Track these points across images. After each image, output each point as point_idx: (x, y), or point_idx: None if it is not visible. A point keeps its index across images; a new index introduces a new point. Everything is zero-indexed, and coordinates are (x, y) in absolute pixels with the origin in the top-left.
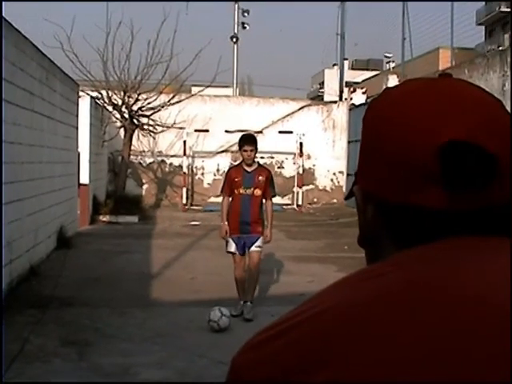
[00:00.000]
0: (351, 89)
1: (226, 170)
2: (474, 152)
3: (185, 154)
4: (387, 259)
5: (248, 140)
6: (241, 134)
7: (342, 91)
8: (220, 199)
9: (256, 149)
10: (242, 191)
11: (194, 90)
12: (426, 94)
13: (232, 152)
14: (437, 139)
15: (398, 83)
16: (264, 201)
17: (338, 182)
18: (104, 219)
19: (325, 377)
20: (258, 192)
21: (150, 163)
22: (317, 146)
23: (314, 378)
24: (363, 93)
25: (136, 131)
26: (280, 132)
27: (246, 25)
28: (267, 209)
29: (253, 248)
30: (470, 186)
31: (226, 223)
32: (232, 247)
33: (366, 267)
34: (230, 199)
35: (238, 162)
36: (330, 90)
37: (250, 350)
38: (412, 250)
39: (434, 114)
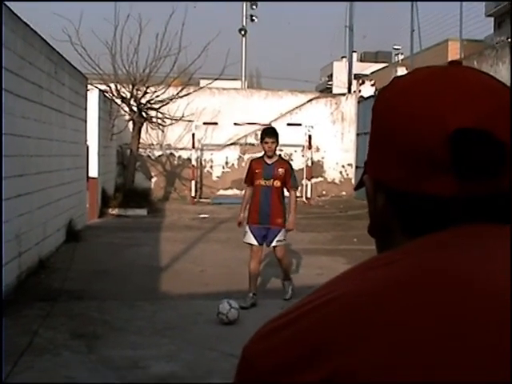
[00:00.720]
0: (360, 81)
1: (234, 163)
2: (483, 139)
3: (193, 146)
4: (397, 248)
5: (269, 132)
6: (249, 126)
7: (350, 83)
8: (228, 192)
9: (277, 141)
10: (262, 182)
11: (203, 82)
12: (435, 81)
13: (241, 145)
14: (446, 127)
15: None
16: (287, 192)
17: (347, 175)
18: (113, 212)
19: (333, 365)
20: (277, 183)
21: (159, 156)
22: (325, 138)
23: (323, 366)
24: (372, 85)
25: (144, 124)
26: (288, 124)
27: (254, 17)
28: (290, 199)
29: (274, 243)
30: (479, 173)
31: (244, 214)
32: (250, 238)
33: (375, 256)
34: (253, 190)
35: (260, 155)
36: (339, 83)
37: (260, 340)
38: (421, 238)
39: (443, 101)
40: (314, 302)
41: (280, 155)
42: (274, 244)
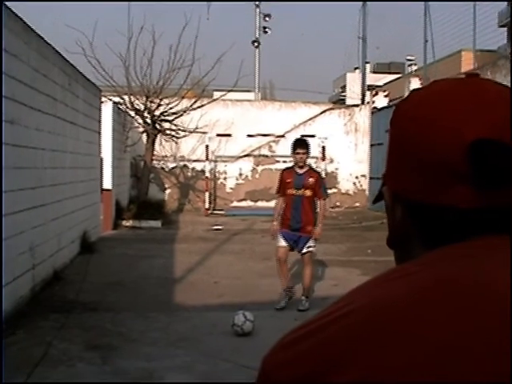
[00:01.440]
0: (373, 92)
1: (247, 174)
2: (501, 150)
3: (207, 158)
4: (417, 259)
5: (301, 144)
6: (263, 138)
7: (364, 94)
8: (242, 204)
9: (308, 152)
10: (293, 192)
11: (216, 94)
12: (453, 93)
13: (254, 156)
14: (465, 138)
15: (420, 86)
16: (317, 201)
17: (361, 186)
18: (127, 224)
19: (352, 377)
20: (307, 193)
21: (173, 168)
22: (339, 149)
23: (341, 378)
24: (385, 96)
25: (158, 136)
26: (302, 136)
27: (267, 29)
28: (320, 208)
29: (304, 250)
30: (498, 183)
31: (276, 223)
32: (280, 241)
33: (394, 267)
34: (285, 199)
35: (291, 165)
36: (352, 94)
37: (279, 351)
38: (440, 249)
39: (461, 112)
40: (333, 314)
41: (310, 165)
42: (304, 250)
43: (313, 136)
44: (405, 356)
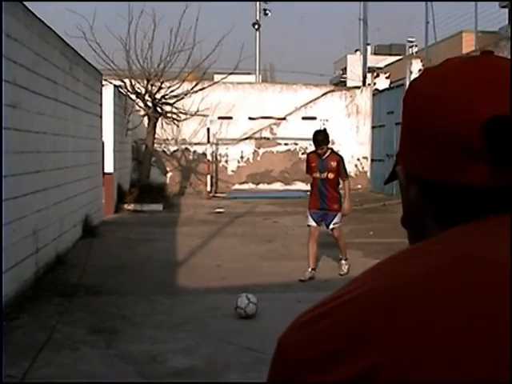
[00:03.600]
0: (374, 74)
1: (249, 157)
2: None
3: (208, 141)
4: (433, 238)
5: (320, 140)
6: (264, 120)
7: (365, 76)
8: (243, 186)
9: (327, 142)
10: (317, 175)
11: (217, 77)
12: (468, 71)
13: (256, 139)
14: (480, 115)
15: (421, 67)
16: (341, 182)
17: (362, 168)
18: (129, 208)
19: (373, 358)
20: (331, 175)
21: (174, 151)
22: (341, 131)
23: (361, 358)
24: (387, 78)
25: (159, 119)
26: (303, 118)
27: (267, 11)
28: (345, 188)
29: (331, 226)
30: None
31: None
32: (311, 221)
33: (411, 246)
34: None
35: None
36: (353, 76)
37: (295, 330)
38: (458, 227)
39: (477, 90)
40: (351, 293)
41: (332, 149)
42: (331, 227)
43: (314, 118)
44: (427, 335)
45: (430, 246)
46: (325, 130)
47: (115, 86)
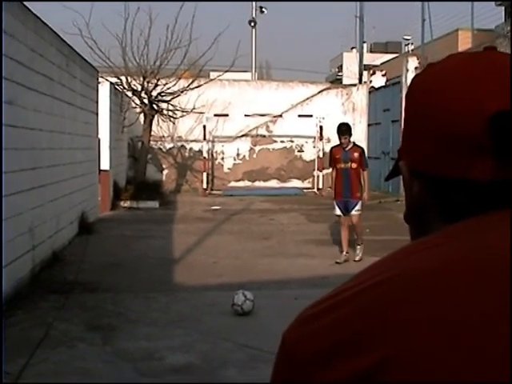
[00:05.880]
0: (371, 71)
1: (245, 154)
2: None
3: (204, 138)
4: (437, 232)
5: (344, 131)
6: (260, 117)
7: (361, 74)
8: (239, 184)
9: (350, 135)
10: (342, 165)
11: (213, 75)
12: (472, 66)
13: (252, 136)
14: (485, 110)
15: (417, 65)
16: (362, 172)
17: None
18: (125, 205)
19: (381, 353)
20: (354, 165)
21: (170, 148)
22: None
23: (369, 354)
24: (383, 75)
25: (156, 116)
26: (300, 116)
27: (263, 9)
28: (364, 177)
29: (353, 212)
30: None
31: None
32: (337, 211)
33: (416, 241)
34: (335, 172)
35: (338, 143)
36: (349, 73)
37: (300, 326)
38: (463, 222)
39: (481, 85)
40: (357, 287)
41: (354, 142)
42: (353, 213)
43: (310, 116)
44: (437, 330)
45: (435, 240)
46: (347, 125)
47: (111, 83)
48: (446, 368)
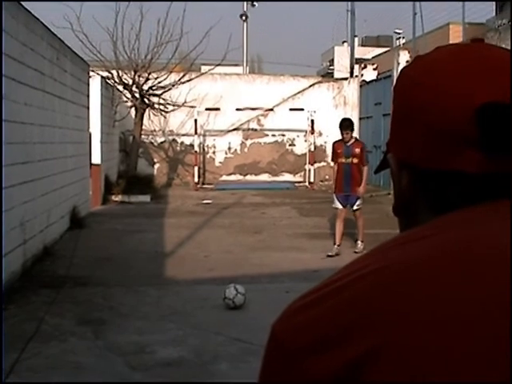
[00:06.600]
0: (362, 65)
1: (236, 148)
2: (510, 113)
3: (196, 132)
4: (426, 224)
5: (346, 126)
6: (252, 111)
7: (352, 68)
8: (231, 177)
9: (352, 130)
10: (343, 160)
11: (204, 69)
12: (459, 58)
13: (243, 130)
14: (472, 102)
15: (409, 59)
16: (362, 167)
17: None
18: (116, 199)
19: (368, 344)
20: (355, 160)
21: (162, 142)
22: (328, 122)
23: (357, 344)
24: (374, 69)
25: (147, 110)
26: (291, 109)
27: (255, 3)
28: (364, 172)
29: (354, 207)
30: (506, 148)
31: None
32: (337, 204)
33: (405, 232)
34: (336, 166)
35: (340, 138)
36: (341, 67)
37: (290, 316)
38: (451, 214)
39: (468, 77)
40: (343, 280)
41: (356, 137)
42: (355, 208)
43: (301, 109)
44: (426, 320)
45: (423, 231)
46: (349, 119)
47: (102, 77)
48: (436, 357)
